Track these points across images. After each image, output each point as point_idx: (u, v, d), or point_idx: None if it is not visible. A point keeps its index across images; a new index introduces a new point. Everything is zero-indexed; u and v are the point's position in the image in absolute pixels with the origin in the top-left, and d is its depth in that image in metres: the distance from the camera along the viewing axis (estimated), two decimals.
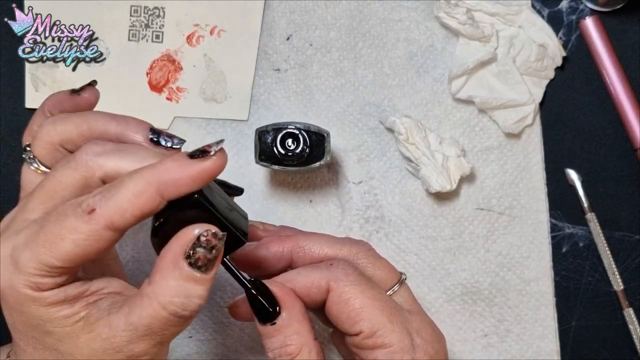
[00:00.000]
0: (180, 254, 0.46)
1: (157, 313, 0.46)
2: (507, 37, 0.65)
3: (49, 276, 0.47)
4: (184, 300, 0.46)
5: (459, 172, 0.64)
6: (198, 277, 0.46)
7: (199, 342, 0.66)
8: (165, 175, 0.46)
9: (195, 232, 0.46)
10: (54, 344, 0.49)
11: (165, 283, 0.46)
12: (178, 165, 0.46)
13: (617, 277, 0.66)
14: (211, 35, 0.67)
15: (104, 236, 0.46)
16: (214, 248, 0.46)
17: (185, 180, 0.46)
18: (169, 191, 0.46)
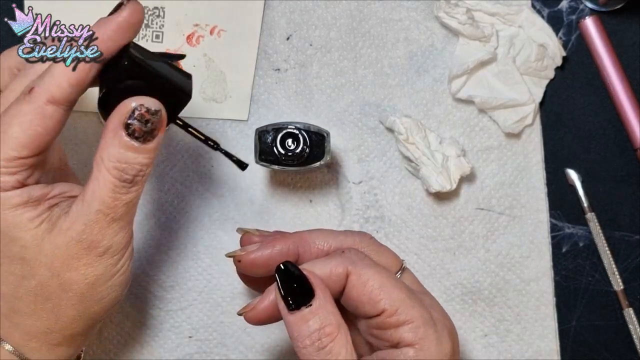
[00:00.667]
0: (119, 125, 0.49)
1: (105, 178, 0.49)
2: (507, 37, 0.65)
3: (8, 173, 0.49)
4: (125, 166, 0.49)
5: (459, 172, 0.64)
6: (136, 147, 0.49)
7: (198, 342, 0.66)
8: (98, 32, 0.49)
9: (132, 105, 0.49)
10: (19, 252, 0.50)
11: (107, 150, 0.49)
12: (99, 25, 0.50)
13: (617, 277, 0.66)
14: (211, 35, 0.67)
15: (47, 111, 0.49)
16: (148, 122, 0.49)
17: (110, 36, 0.49)
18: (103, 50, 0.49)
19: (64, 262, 0.50)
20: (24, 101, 0.49)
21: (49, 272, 0.50)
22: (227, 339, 0.66)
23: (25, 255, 0.50)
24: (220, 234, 0.66)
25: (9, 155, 0.49)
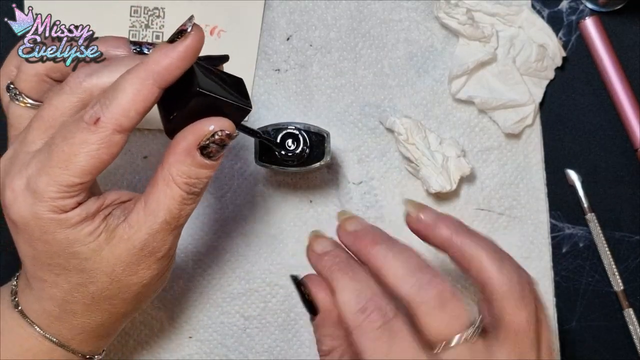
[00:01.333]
0: (194, 145, 0.50)
1: (174, 192, 0.50)
2: (507, 37, 0.65)
3: (69, 196, 0.49)
4: (195, 181, 0.51)
5: (459, 172, 0.64)
6: (208, 164, 0.50)
7: (198, 342, 0.66)
8: (156, 66, 0.48)
9: (210, 128, 0.49)
10: (78, 264, 0.51)
11: (178, 166, 0.50)
12: (164, 54, 0.49)
13: (617, 277, 0.66)
14: (211, 36, 0.67)
15: (114, 140, 0.49)
16: (225, 144, 0.50)
17: (175, 64, 0.49)
18: (164, 79, 0.49)
19: (125, 268, 0.52)
20: (89, 131, 0.48)
21: (108, 279, 0.52)
22: (227, 339, 0.66)
23: (85, 266, 0.51)
24: (220, 235, 0.66)
25: (72, 182, 0.49)
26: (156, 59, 0.49)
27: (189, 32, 0.50)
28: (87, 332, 0.55)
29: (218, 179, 0.66)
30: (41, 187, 0.49)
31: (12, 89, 0.54)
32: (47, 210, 0.49)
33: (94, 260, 0.51)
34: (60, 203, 0.49)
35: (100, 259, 0.51)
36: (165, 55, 0.49)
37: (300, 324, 0.66)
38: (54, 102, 0.51)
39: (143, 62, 0.49)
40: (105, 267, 0.52)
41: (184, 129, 0.50)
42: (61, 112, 0.51)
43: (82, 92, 0.51)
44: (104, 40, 0.53)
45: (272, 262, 0.66)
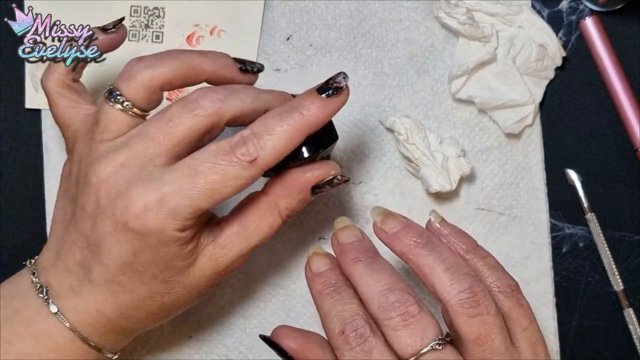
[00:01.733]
0: (311, 184, 0.55)
1: (276, 221, 0.55)
2: (507, 37, 0.65)
3: (194, 218, 0.52)
4: (295, 213, 0.56)
5: (459, 172, 0.64)
6: (310, 199, 0.56)
7: (199, 342, 0.66)
8: (313, 118, 0.53)
9: (332, 173, 0.55)
10: (170, 276, 0.54)
11: (287, 200, 0.55)
12: (321, 108, 0.54)
13: (617, 277, 0.66)
14: (211, 36, 0.67)
15: (257, 177, 0.53)
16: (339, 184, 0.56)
17: (326, 117, 0.54)
18: (314, 129, 0.54)
19: (204, 284, 0.55)
20: (242, 167, 0.52)
21: (185, 291, 0.55)
22: (227, 339, 0.66)
23: (174, 278, 0.54)
24: None
25: (207, 207, 0.52)
26: (312, 112, 0.53)
27: (344, 90, 0.55)
28: (125, 336, 0.57)
29: None
30: (180, 207, 0.51)
31: (117, 95, 0.54)
32: (175, 228, 0.51)
33: (183, 275, 0.54)
34: (187, 223, 0.52)
35: (188, 274, 0.54)
36: (321, 111, 0.53)
37: (300, 323, 0.66)
38: (187, 122, 0.53)
39: (298, 110, 0.53)
40: (189, 282, 0.54)
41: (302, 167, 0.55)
42: (192, 132, 0.53)
43: (216, 117, 0.53)
44: (214, 57, 0.56)
45: (272, 262, 0.66)
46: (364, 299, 0.52)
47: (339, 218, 0.57)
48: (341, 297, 0.53)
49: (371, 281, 0.52)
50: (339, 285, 0.54)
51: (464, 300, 0.50)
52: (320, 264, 0.55)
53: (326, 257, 0.56)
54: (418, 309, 0.50)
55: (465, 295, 0.50)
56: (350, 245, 0.55)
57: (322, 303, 0.53)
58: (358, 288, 0.53)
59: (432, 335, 0.50)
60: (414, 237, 0.53)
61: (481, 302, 0.50)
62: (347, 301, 0.52)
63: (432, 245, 0.53)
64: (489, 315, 0.50)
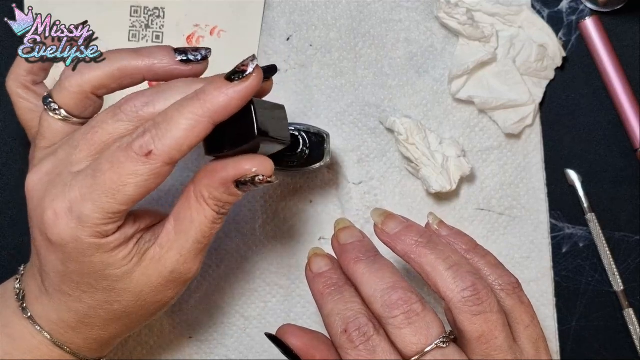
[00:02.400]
0: (232, 179, 0.50)
1: (207, 212, 0.51)
2: (507, 37, 0.65)
3: (112, 222, 0.50)
4: (223, 204, 0.52)
5: (459, 172, 0.64)
6: (239, 194, 0.51)
7: (198, 343, 0.66)
8: (213, 105, 0.49)
9: (252, 170, 0.50)
10: (108, 285, 0.52)
11: (211, 190, 0.51)
12: (223, 93, 0.49)
13: (617, 277, 0.66)
14: (211, 36, 0.67)
15: (162, 172, 0.49)
16: (259, 185, 0.51)
17: (233, 104, 0.49)
18: (219, 117, 0.49)
19: (153, 289, 0.53)
20: (140, 162, 0.49)
21: (135, 298, 0.53)
22: (227, 339, 0.66)
23: (115, 286, 0.52)
24: (220, 235, 0.66)
25: (118, 210, 0.50)
26: (213, 96, 0.49)
27: (250, 74, 0.49)
28: (99, 342, 0.56)
29: None
30: (86, 213, 0.49)
31: (50, 102, 0.53)
32: (89, 235, 0.50)
33: (124, 281, 0.52)
34: (103, 229, 0.50)
35: (130, 281, 0.52)
36: (224, 95, 0.49)
37: (300, 324, 0.66)
38: (109, 128, 0.51)
39: (199, 97, 0.49)
40: (133, 288, 0.53)
41: (225, 160, 0.51)
42: (114, 137, 0.51)
43: (138, 121, 0.51)
44: (149, 52, 0.53)
45: (272, 262, 0.66)
46: (366, 298, 0.52)
47: (339, 219, 0.58)
48: (343, 297, 0.53)
49: (374, 280, 0.52)
50: (340, 285, 0.54)
51: (467, 298, 0.50)
52: (321, 264, 0.56)
53: (326, 257, 0.56)
54: (422, 307, 0.50)
55: (468, 293, 0.50)
56: (351, 246, 0.55)
57: (324, 303, 0.53)
58: (360, 287, 0.53)
59: (436, 334, 0.50)
60: (415, 237, 0.53)
61: (484, 300, 0.50)
62: (349, 300, 0.52)
63: (433, 244, 0.53)
64: (492, 313, 0.50)
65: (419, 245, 0.53)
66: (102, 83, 0.52)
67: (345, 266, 0.55)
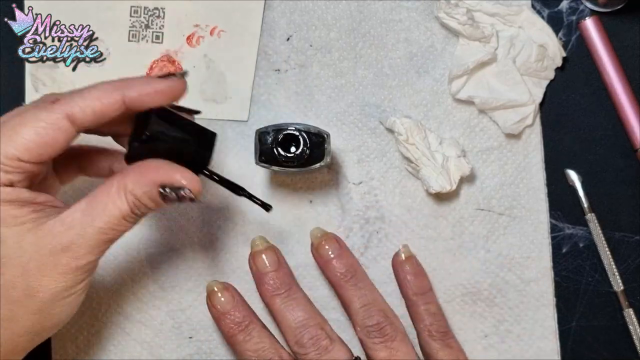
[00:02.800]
0: (159, 183, 0.51)
1: (123, 205, 0.51)
2: (507, 37, 0.65)
3: (4, 171, 0.49)
4: (143, 207, 0.52)
5: (459, 172, 0.64)
6: (158, 202, 0.52)
7: (199, 343, 0.66)
8: (132, 86, 0.51)
9: (182, 182, 0.51)
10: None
11: (135, 188, 0.51)
12: (145, 80, 0.52)
13: (617, 277, 0.66)
14: (211, 36, 0.67)
15: (62, 126, 0.50)
16: (182, 200, 0.52)
17: (150, 93, 0.51)
18: (134, 100, 0.51)
19: (41, 265, 0.50)
20: (44, 108, 0.50)
21: (19, 272, 0.50)
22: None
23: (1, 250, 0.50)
24: (220, 235, 0.66)
25: (11, 154, 0.49)
26: (136, 80, 0.52)
27: (174, 78, 0.53)
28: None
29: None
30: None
31: None
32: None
33: (12, 246, 0.50)
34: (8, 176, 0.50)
35: (19, 247, 0.50)
36: (144, 82, 0.52)
37: None
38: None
39: (124, 78, 0.52)
40: (20, 258, 0.50)
41: (163, 162, 0.52)
42: None
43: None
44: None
45: None
46: (281, 332, 0.62)
47: (254, 238, 0.64)
48: (251, 337, 0.61)
49: (288, 317, 0.62)
50: (246, 324, 0.62)
51: (371, 332, 0.61)
52: (223, 302, 0.62)
53: (227, 292, 0.63)
54: (329, 341, 0.61)
55: (373, 328, 0.61)
56: (267, 277, 0.63)
57: (234, 343, 0.62)
58: (276, 320, 0.63)
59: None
60: (341, 270, 0.63)
61: (388, 332, 0.61)
62: (258, 341, 0.61)
63: (355, 281, 0.62)
64: (394, 341, 0.61)
65: (343, 279, 0.62)
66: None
67: (262, 296, 0.63)
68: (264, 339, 0.62)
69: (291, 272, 0.64)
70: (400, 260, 0.64)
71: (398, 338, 0.61)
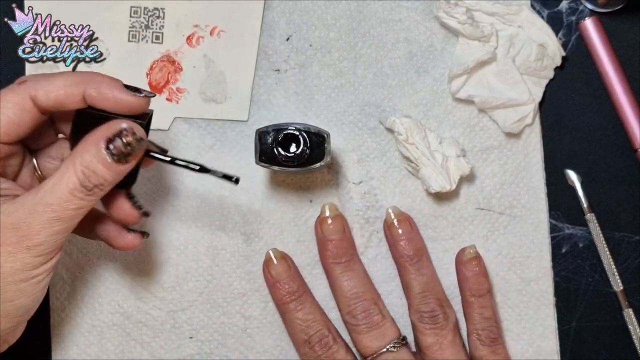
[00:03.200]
0: (102, 138, 0.52)
1: (70, 179, 0.51)
2: (506, 36, 0.65)
3: None
4: (91, 174, 0.51)
5: (459, 172, 0.64)
6: (109, 163, 0.52)
7: (199, 343, 0.66)
8: (96, 85, 0.53)
9: (122, 125, 0.52)
10: None
11: (82, 155, 0.51)
12: (110, 84, 0.53)
13: (616, 277, 0.66)
14: (211, 36, 0.67)
15: (27, 106, 0.52)
16: (129, 145, 0.52)
17: (109, 99, 0.53)
18: (92, 99, 0.53)
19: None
20: (11, 89, 0.52)
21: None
22: (228, 339, 0.66)
23: None
24: (220, 235, 0.66)
25: None
26: (103, 78, 0.53)
27: (138, 95, 0.53)
28: None
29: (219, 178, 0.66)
30: None
31: None
32: None
33: None
34: None
35: None
36: (108, 83, 0.53)
37: None
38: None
39: (94, 73, 0.54)
40: None
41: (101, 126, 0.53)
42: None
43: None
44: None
45: None
46: (336, 300, 0.64)
47: (327, 204, 0.64)
48: (304, 307, 0.63)
49: (344, 286, 0.63)
50: (300, 294, 0.63)
51: (424, 317, 0.62)
52: (280, 270, 0.64)
53: (284, 261, 0.64)
54: (381, 317, 0.62)
55: (426, 315, 0.62)
56: (332, 245, 0.64)
57: (285, 311, 0.64)
58: (332, 288, 0.64)
59: (390, 340, 0.62)
60: (409, 252, 0.64)
61: (439, 320, 0.62)
62: (309, 311, 0.63)
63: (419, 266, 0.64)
64: (443, 330, 0.62)
65: (409, 261, 0.64)
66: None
67: (322, 261, 0.64)
68: (314, 310, 0.63)
69: (354, 245, 0.65)
70: (465, 260, 0.65)
71: (448, 328, 0.62)
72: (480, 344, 0.63)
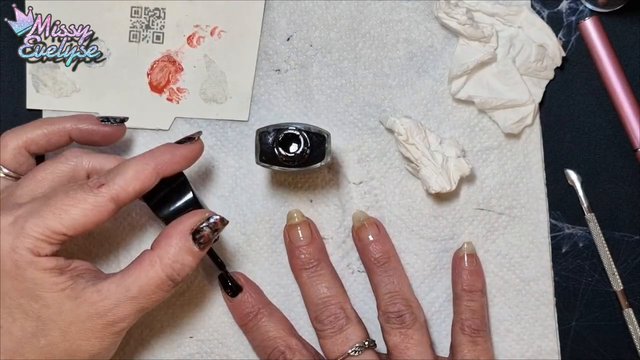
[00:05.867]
0: (188, 230, 0.56)
1: (156, 274, 0.55)
2: (506, 37, 0.65)
3: (48, 242, 0.53)
4: (179, 267, 0.56)
5: (459, 172, 0.64)
6: (195, 251, 0.57)
7: (199, 342, 0.66)
8: (161, 156, 0.57)
9: (205, 215, 0.57)
10: (38, 310, 0.54)
11: (168, 250, 0.56)
12: (171, 149, 0.58)
13: (616, 277, 0.66)
14: (212, 36, 0.67)
15: (107, 207, 0.55)
16: (217, 231, 0.57)
17: (177, 160, 0.58)
18: (164, 169, 0.57)
19: (80, 330, 0.54)
20: (91, 193, 0.54)
21: (61, 336, 0.54)
22: (228, 339, 0.66)
23: (43, 314, 0.54)
24: (220, 234, 0.66)
25: (58, 230, 0.53)
26: (162, 150, 0.57)
27: (195, 140, 0.59)
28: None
29: (218, 178, 0.67)
30: (28, 225, 0.53)
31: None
32: (25, 247, 0.53)
33: (54, 311, 0.54)
34: (38, 244, 0.53)
35: (60, 312, 0.54)
36: (170, 151, 0.58)
37: (300, 324, 0.66)
38: (49, 167, 0.58)
39: (151, 150, 0.58)
40: (61, 323, 0.54)
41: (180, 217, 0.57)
42: (53, 176, 0.57)
43: (76, 163, 0.58)
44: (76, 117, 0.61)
45: (273, 261, 0.66)
46: (305, 305, 0.65)
47: (293, 211, 0.65)
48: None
49: (311, 292, 0.64)
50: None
51: (391, 317, 0.62)
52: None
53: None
54: (346, 321, 0.63)
55: (393, 315, 0.62)
56: (298, 251, 0.64)
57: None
58: (301, 293, 0.65)
59: (355, 343, 0.62)
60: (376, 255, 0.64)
61: (406, 320, 0.62)
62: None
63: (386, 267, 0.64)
64: (409, 329, 0.62)
65: (376, 264, 0.64)
66: (33, 139, 0.59)
67: (291, 267, 0.65)
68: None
69: (323, 247, 0.66)
70: (460, 256, 0.65)
71: (415, 327, 0.62)
72: (462, 333, 0.63)
